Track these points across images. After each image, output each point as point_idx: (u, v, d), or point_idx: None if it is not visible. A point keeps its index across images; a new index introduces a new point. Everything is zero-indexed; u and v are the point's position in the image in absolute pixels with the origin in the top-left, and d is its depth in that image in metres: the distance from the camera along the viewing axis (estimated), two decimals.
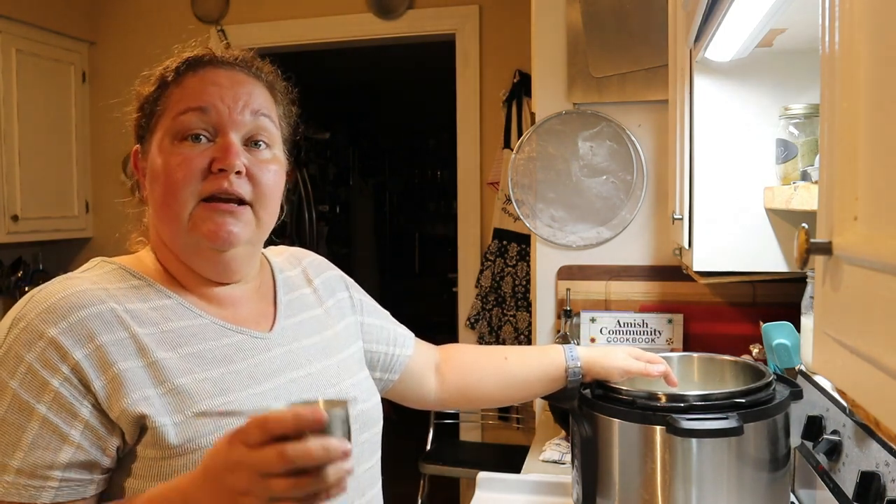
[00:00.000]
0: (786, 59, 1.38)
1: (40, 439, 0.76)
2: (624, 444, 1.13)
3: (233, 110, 0.87)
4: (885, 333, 0.41)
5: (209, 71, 0.90)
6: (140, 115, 0.92)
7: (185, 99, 0.87)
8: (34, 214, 3.32)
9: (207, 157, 0.85)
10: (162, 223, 0.89)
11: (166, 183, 0.86)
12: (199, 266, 0.91)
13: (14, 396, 0.77)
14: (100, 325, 0.80)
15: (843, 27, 0.48)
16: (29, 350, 0.78)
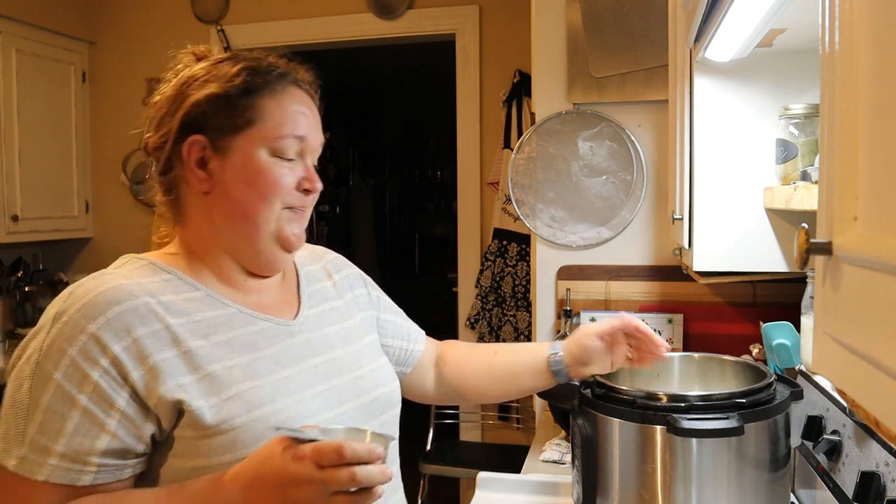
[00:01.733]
0: (786, 59, 1.38)
1: (81, 427, 0.83)
2: (624, 443, 1.13)
3: (315, 141, 1.01)
4: (885, 334, 0.41)
5: (296, 92, 1.00)
6: (215, 110, 0.95)
7: (286, 123, 0.96)
8: (34, 214, 3.32)
9: (297, 175, 0.97)
10: (239, 220, 0.96)
11: (264, 191, 0.95)
12: (257, 260, 0.99)
13: (58, 387, 0.83)
14: (136, 319, 0.86)
15: (843, 27, 0.48)
16: (71, 344, 0.84)
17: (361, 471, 0.77)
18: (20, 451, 0.82)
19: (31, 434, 0.82)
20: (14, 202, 3.20)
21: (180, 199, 1.00)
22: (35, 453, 0.82)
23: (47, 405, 0.82)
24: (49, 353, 0.84)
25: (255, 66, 0.98)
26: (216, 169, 0.95)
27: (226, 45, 3.49)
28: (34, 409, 0.83)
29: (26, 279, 3.43)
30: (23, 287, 3.41)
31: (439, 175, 7.14)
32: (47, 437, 0.82)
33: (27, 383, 0.84)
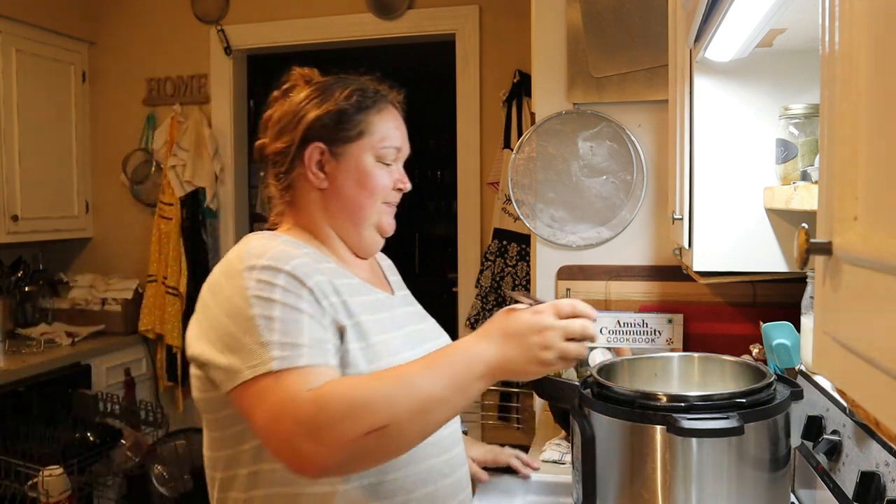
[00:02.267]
0: (786, 59, 1.38)
1: (312, 325, 1.02)
2: (624, 443, 1.13)
3: (406, 150, 1.25)
4: (885, 334, 0.41)
5: (393, 111, 1.24)
6: (334, 123, 1.17)
7: (388, 136, 1.20)
8: (34, 214, 3.32)
9: (393, 177, 1.21)
10: (351, 211, 1.19)
11: (372, 189, 1.19)
12: (362, 244, 1.23)
13: (282, 304, 1.01)
14: (309, 269, 1.07)
15: (843, 27, 0.48)
16: (277, 276, 1.03)
17: (588, 323, 0.99)
18: (275, 354, 0.97)
19: (277, 340, 0.98)
20: (14, 202, 3.20)
21: (297, 192, 1.21)
22: (288, 350, 0.98)
23: (280, 317, 1.00)
24: (261, 286, 1.02)
25: (363, 89, 1.21)
26: (332, 170, 1.18)
27: (226, 45, 3.50)
28: (269, 323, 0.99)
29: (26, 279, 3.43)
30: (23, 287, 3.41)
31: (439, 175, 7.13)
32: (293, 336, 0.99)
33: (251, 311, 1.00)
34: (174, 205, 3.47)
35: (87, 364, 3.18)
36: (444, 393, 0.95)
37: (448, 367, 0.96)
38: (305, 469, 0.94)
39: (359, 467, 1.01)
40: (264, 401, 0.96)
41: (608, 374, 1.27)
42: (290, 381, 0.96)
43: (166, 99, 3.61)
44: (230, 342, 1.01)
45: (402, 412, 0.93)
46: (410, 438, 0.97)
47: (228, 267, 1.07)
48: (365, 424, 0.91)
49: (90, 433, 2.85)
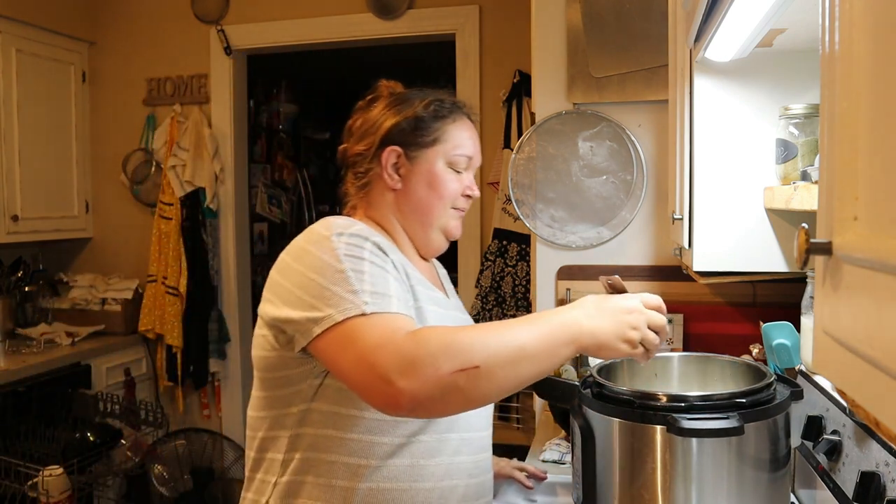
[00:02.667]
0: (786, 59, 1.38)
1: (395, 283, 1.10)
2: (624, 444, 1.13)
3: (477, 159, 1.32)
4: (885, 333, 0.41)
5: (467, 123, 1.31)
6: (412, 128, 1.25)
7: (462, 145, 1.28)
8: (34, 214, 3.31)
9: (463, 184, 1.29)
10: (420, 212, 1.27)
11: (441, 193, 1.26)
12: (427, 244, 1.31)
13: (371, 263, 1.09)
14: (387, 247, 1.16)
15: (843, 27, 0.48)
16: (365, 242, 1.12)
17: (667, 325, 1.08)
18: (368, 300, 1.04)
19: (368, 290, 1.05)
20: (14, 202, 3.20)
21: (372, 190, 1.28)
22: (378, 298, 1.05)
23: (369, 272, 1.08)
24: (350, 247, 1.10)
25: (441, 99, 1.28)
26: (406, 173, 1.26)
27: (226, 45, 3.50)
28: (360, 276, 1.06)
29: (26, 279, 3.43)
30: (23, 287, 3.41)
31: None
32: (382, 288, 1.07)
33: (342, 265, 1.07)
34: (174, 205, 3.47)
35: (87, 364, 3.18)
36: (536, 349, 0.99)
37: (544, 324, 1.01)
38: (398, 403, 0.97)
39: (444, 407, 1.02)
40: (357, 340, 1.01)
41: (608, 374, 1.27)
42: (384, 322, 1.02)
43: (166, 99, 3.61)
44: (320, 293, 1.06)
45: (494, 357, 0.97)
46: (497, 385, 0.99)
47: (313, 235, 1.14)
48: (458, 362, 0.95)
49: (90, 433, 2.85)
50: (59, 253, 3.72)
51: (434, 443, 1.16)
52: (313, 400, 1.15)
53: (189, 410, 3.62)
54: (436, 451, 1.16)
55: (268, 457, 1.19)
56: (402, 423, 1.14)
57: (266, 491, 1.17)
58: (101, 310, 3.46)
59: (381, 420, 1.13)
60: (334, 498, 1.13)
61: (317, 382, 1.14)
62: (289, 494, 1.15)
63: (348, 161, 1.30)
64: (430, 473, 1.16)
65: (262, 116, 4.62)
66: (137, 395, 3.39)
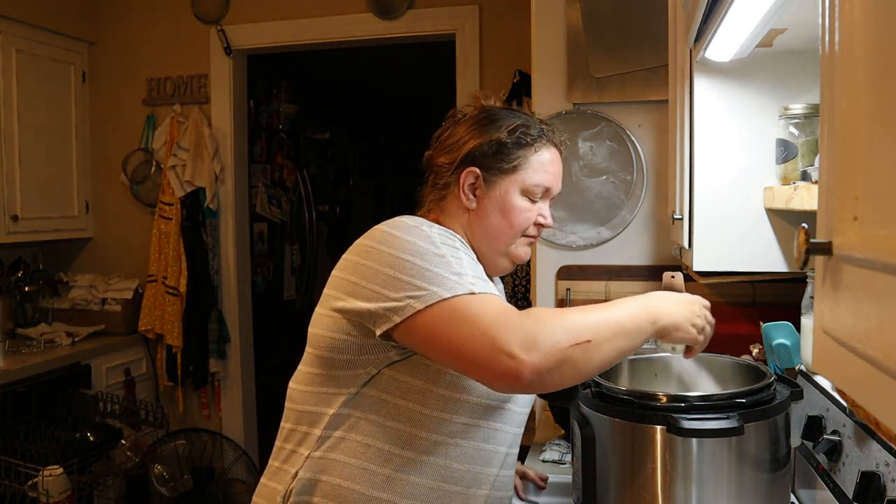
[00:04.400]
0: (786, 59, 1.38)
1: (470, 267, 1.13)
2: (624, 444, 1.13)
3: (556, 190, 1.31)
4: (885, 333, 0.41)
5: (552, 152, 1.30)
6: (494, 152, 1.26)
7: (539, 175, 1.27)
8: (34, 214, 3.31)
9: (535, 213, 1.29)
10: (489, 236, 1.28)
11: (512, 222, 1.27)
12: (493, 266, 1.31)
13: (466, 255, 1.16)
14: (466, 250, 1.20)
15: (843, 27, 0.48)
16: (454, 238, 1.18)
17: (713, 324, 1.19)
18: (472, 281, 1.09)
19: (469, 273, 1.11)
20: (14, 202, 3.20)
21: (447, 204, 1.30)
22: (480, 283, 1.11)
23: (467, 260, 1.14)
24: (443, 237, 1.15)
25: (528, 125, 1.28)
26: (481, 195, 1.27)
27: (226, 45, 3.50)
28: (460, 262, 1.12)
29: (26, 279, 3.43)
30: (23, 287, 3.41)
31: None
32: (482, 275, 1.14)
33: (442, 249, 1.12)
34: (174, 205, 3.47)
35: (87, 364, 3.18)
36: (630, 326, 1.09)
37: (630, 305, 1.11)
38: (519, 375, 1.02)
39: (560, 378, 1.06)
40: (473, 316, 1.05)
41: (608, 375, 1.27)
42: (494, 301, 1.07)
43: (166, 99, 3.61)
44: (420, 274, 1.09)
45: (601, 332, 1.06)
46: (603, 356, 1.07)
47: (400, 224, 1.17)
48: (574, 336, 1.03)
49: (90, 433, 2.84)
50: (59, 253, 3.72)
51: (470, 449, 1.18)
52: (366, 385, 1.17)
53: (189, 410, 3.62)
54: (469, 458, 1.18)
55: (304, 430, 1.20)
56: (445, 422, 1.16)
57: (297, 462, 1.18)
58: (101, 310, 3.46)
59: (425, 414, 1.15)
60: (363, 480, 1.15)
61: (374, 371, 1.16)
62: (320, 469, 1.16)
63: (432, 168, 1.32)
64: (459, 477, 1.18)
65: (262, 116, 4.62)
66: (137, 395, 3.39)
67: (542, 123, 1.31)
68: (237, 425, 3.61)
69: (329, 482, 1.15)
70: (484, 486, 1.21)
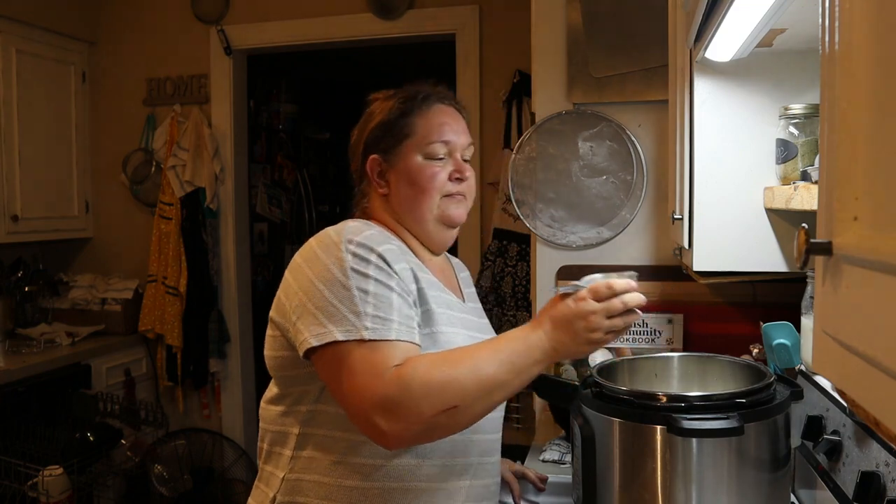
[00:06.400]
0: (786, 59, 1.38)
1: (401, 303, 1.12)
2: (624, 443, 1.13)
3: (459, 141, 1.29)
4: (885, 333, 0.41)
5: (439, 107, 1.29)
6: (381, 134, 1.28)
7: (432, 132, 1.26)
8: (34, 214, 3.31)
9: (447, 170, 1.27)
10: (411, 210, 1.27)
11: (423, 186, 1.25)
12: (430, 238, 1.30)
13: (376, 280, 1.11)
14: (394, 257, 1.16)
15: (843, 27, 0.48)
16: (370, 254, 1.13)
17: (627, 297, 1.05)
18: (368, 324, 1.07)
19: (370, 312, 1.08)
20: (14, 202, 3.20)
21: (372, 201, 1.31)
22: (379, 322, 1.07)
23: (374, 292, 1.09)
24: (357, 261, 1.11)
25: (406, 95, 1.29)
26: (390, 177, 1.28)
27: (226, 45, 3.49)
28: (364, 296, 1.09)
29: (26, 279, 3.43)
30: (23, 287, 3.41)
31: None
32: (384, 311, 1.09)
33: (349, 282, 1.10)
34: (174, 205, 3.47)
35: (87, 364, 3.18)
36: (506, 377, 1.06)
37: (510, 352, 1.06)
38: (384, 442, 1.06)
39: (428, 440, 1.12)
40: (350, 370, 1.06)
41: (608, 374, 1.27)
42: (378, 353, 1.06)
43: (166, 99, 3.61)
44: (325, 307, 1.09)
45: (470, 394, 1.04)
46: (474, 416, 1.08)
47: (325, 240, 1.17)
48: (439, 404, 1.02)
49: (90, 433, 2.85)
50: (59, 253, 3.72)
51: (440, 444, 1.17)
52: (319, 401, 1.17)
53: (189, 410, 3.62)
54: (442, 452, 1.18)
55: (277, 450, 1.21)
56: None
57: (275, 485, 1.20)
58: (101, 310, 3.46)
59: None
60: (340, 497, 1.15)
61: (322, 384, 1.16)
62: (295, 491, 1.17)
63: (353, 179, 1.36)
64: (434, 474, 1.17)
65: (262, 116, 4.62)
66: (137, 395, 3.39)
67: (429, 88, 1.31)
68: (237, 425, 3.61)
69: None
70: (464, 476, 1.21)
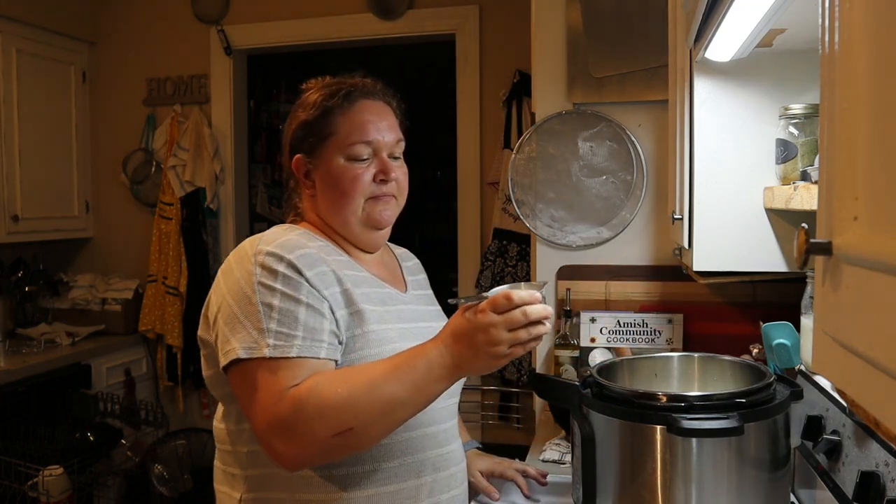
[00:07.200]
0: (786, 59, 1.38)
1: (309, 315, 1.08)
2: (624, 444, 1.13)
3: (386, 139, 1.23)
4: (885, 333, 0.41)
5: (363, 104, 1.24)
6: (304, 134, 1.23)
7: (353, 132, 1.21)
8: (34, 214, 3.31)
9: (371, 171, 1.22)
10: (335, 213, 1.23)
11: (345, 189, 1.20)
12: (358, 240, 1.25)
13: (282, 293, 1.08)
14: (315, 260, 1.13)
15: (843, 27, 0.48)
16: (279, 264, 1.09)
17: (529, 308, 0.98)
18: (270, 342, 1.04)
19: (273, 328, 1.05)
20: (14, 202, 3.20)
21: (303, 201, 1.28)
22: (282, 340, 1.05)
23: (279, 306, 1.07)
24: (265, 273, 1.09)
25: (329, 92, 1.23)
26: (315, 177, 1.23)
27: (226, 45, 3.49)
28: (269, 312, 1.06)
29: (26, 279, 3.43)
30: (23, 287, 3.41)
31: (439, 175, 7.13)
32: (288, 326, 1.06)
33: (255, 297, 1.07)
34: (174, 205, 3.47)
35: (87, 364, 3.18)
36: (407, 396, 1.02)
37: (411, 371, 1.02)
38: (281, 463, 1.05)
39: (326, 462, 1.10)
40: (253, 388, 1.04)
41: (608, 374, 1.27)
42: (278, 372, 1.04)
43: (166, 99, 3.61)
44: (232, 323, 1.08)
45: (366, 416, 1.01)
46: (374, 437, 1.06)
47: (240, 251, 1.15)
48: (333, 427, 1.00)
49: (90, 433, 2.85)
50: (59, 253, 3.72)
51: (394, 444, 1.14)
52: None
53: (189, 410, 3.62)
54: (397, 452, 1.15)
55: (231, 471, 1.18)
56: None
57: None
58: (101, 310, 3.46)
59: None
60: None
61: None
62: None
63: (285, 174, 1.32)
64: (394, 475, 1.14)
65: (262, 116, 4.62)
66: (137, 395, 3.39)
67: (354, 82, 1.26)
68: None
69: None
70: (425, 472, 1.17)
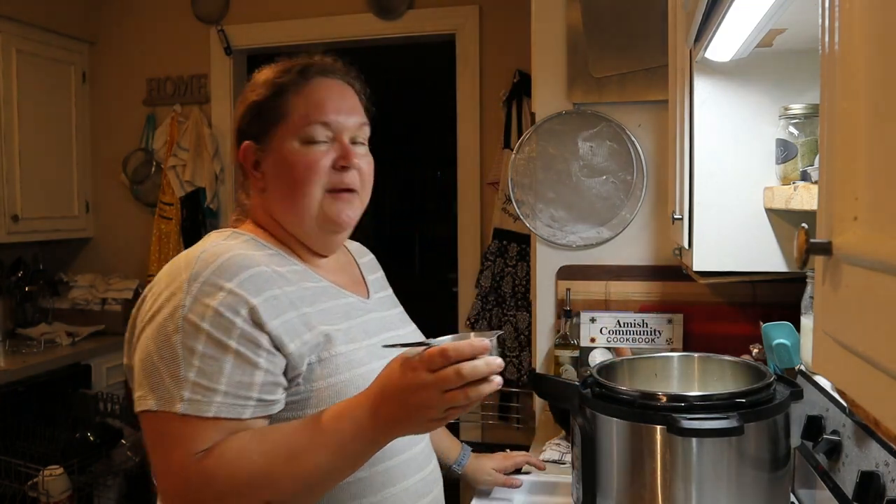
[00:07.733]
0: (786, 59, 1.38)
1: (237, 367, 0.93)
2: (624, 443, 1.13)
3: (346, 120, 1.08)
4: (885, 333, 0.41)
5: (320, 81, 1.09)
6: (253, 117, 1.09)
7: (310, 112, 1.06)
8: (34, 214, 3.31)
9: (331, 157, 1.06)
10: (287, 209, 1.07)
11: (298, 178, 1.05)
12: (313, 242, 1.11)
13: (209, 336, 0.92)
14: (263, 282, 0.98)
15: (843, 27, 0.48)
16: (213, 299, 0.93)
17: (466, 366, 0.84)
18: (185, 395, 0.90)
19: (191, 378, 0.91)
20: (14, 202, 3.20)
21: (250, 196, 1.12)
22: (199, 394, 0.90)
23: (202, 352, 0.92)
24: (194, 308, 0.93)
25: (281, 70, 1.10)
26: (265, 167, 1.08)
27: (226, 45, 3.49)
28: (189, 357, 0.91)
29: (26, 279, 3.43)
30: (23, 287, 3.41)
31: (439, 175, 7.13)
32: (208, 378, 0.91)
33: (176, 336, 0.92)
34: (174, 205, 3.47)
35: (87, 364, 3.18)
36: (333, 464, 0.92)
37: (337, 435, 0.90)
38: None
39: None
40: (159, 445, 0.92)
41: (608, 374, 1.27)
42: (189, 432, 0.90)
43: (166, 99, 3.61)
44: (147, 364, 0.94)
45: (286, 489, 0.91)
46: None
47: (174, 270, 0.99)
48: (245, 502, 0.90)
49: (90, 433, 2.85)
50: (59, 253, 3.72)
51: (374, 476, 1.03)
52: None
53: None
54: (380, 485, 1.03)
55: None
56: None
57: None
58: (101, 310, 3.46)
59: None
60: None
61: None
62: None
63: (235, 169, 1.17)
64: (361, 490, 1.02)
65: None
66: None
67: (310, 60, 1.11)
68: None
69: None
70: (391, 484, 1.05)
